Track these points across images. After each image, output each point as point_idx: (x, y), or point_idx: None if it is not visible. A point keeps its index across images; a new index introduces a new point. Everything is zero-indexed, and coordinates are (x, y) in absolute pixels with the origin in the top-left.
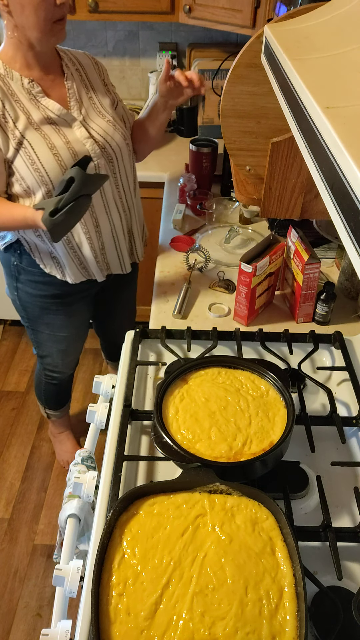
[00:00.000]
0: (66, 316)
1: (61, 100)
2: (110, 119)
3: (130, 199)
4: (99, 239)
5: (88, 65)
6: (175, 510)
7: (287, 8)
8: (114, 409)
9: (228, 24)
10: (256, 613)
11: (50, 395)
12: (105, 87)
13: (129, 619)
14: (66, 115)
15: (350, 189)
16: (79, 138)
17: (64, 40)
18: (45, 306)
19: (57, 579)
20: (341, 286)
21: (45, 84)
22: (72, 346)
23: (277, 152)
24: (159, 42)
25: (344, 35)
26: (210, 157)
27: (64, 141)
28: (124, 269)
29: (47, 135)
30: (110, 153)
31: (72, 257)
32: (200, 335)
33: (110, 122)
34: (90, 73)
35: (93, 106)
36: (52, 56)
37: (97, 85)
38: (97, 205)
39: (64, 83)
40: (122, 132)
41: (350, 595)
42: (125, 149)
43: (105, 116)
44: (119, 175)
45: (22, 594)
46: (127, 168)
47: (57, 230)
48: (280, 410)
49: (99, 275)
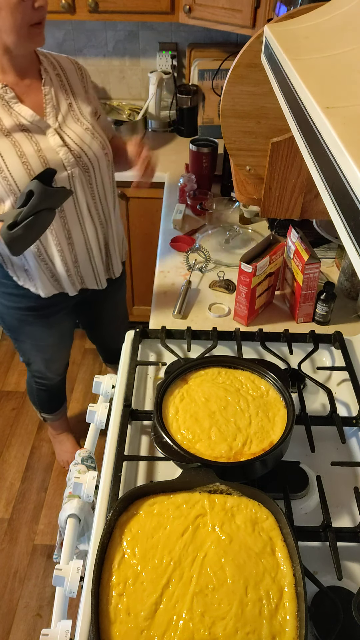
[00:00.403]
0: (45, 327)
1: (36, 106)
2: (89, 127)
3: (108, 212)
4: (71, 252)
5: (70, 70)
6: (175, 510)
7: (287, 8)
8: (114, 409)
9: (228, 24)
10: (256, 613)
11: (44, 400)
12: (86, 95)
13: (129, 619)
14: (39, 122)
15: (350, 189)
16: (52, 146)
17: (42, 45)
18: (23, 318)
19: (57, 579)
20: (341, 286)
21: (20, 90)
22: (57, 354)
23: (277, 152)
24: (159, 42)
25: (344, 35)
26: (210, 157)
27: (35, 149)
28: (99, 284)
29: (17, 143)
30: (86, 162)
31: (43, 269)
32: (200, 335)
33: (89, 130)
34: (72, 78)
35: (72, 113)
36: (29, 60)
37: (78, 91)
38: (70, 216)
39: (41, 88)
40: (100, 141)
41: (350, 595)
42: (104, 159)
43: (84, 124)
44: (95, 186)
45: (22, 594)
46: (104, 179)
47: (15, 244)
48: (280, 410)
49: (70, 289)
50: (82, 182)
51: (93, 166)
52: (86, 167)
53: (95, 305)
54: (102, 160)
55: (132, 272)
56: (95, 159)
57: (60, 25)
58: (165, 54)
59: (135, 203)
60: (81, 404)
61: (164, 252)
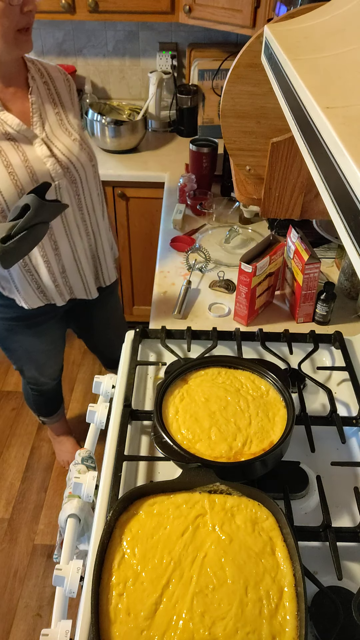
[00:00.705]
0: (35, 336)
1: (23, 114)
2: (77, 137)
3: (95, 222)
4: (59, 263)
5: (58, 79)
6: (175, 510)
7: (287, 8)
8: (114, 409)
9: (228, 24)
10: (256, 613)
11: (40, 404)
12: (73, 106)
13: (129, 619)
14: (26, 132)
15: (350, 189)
16: (40, 156)
17: (29, 51)
18: (10, 328)
19: (57, 579)
20: (341, 286)
21: (6, 97)
22: (49, 361)
23: (277, 152)
24: (159, 42)
25: (344, 35)
26: (210, 157)
27: (21, 159)
28: (89, 294)
29: (3, 152)
30: (74, 174)
31: (28, 280)
32: (200, 335)
33: (77, 141)
34: (60, 87)
35: (60, 122)
36: (16, 67)
37: (66, 101)
38: (57, 228)
39: (28, 97)
40: (88, 152)
41: (350, 595)
42: (91, 170)
43: (72, 134)
44: (83, 197)
45: (22, 594)
46: (92, 189)
47: (8, 257)
48: (280, 410)
49: (58, 300)
50: (70, 194)
51: (80, 177)
52: (74, 179)
53: (87, 312)
54: (89, 172)
55: (132, 272)
56: (82, 170)
57: (60, 25)
58: (165, 54)
59: (135, 203)
60: (81, 404)
61: (164, 252)
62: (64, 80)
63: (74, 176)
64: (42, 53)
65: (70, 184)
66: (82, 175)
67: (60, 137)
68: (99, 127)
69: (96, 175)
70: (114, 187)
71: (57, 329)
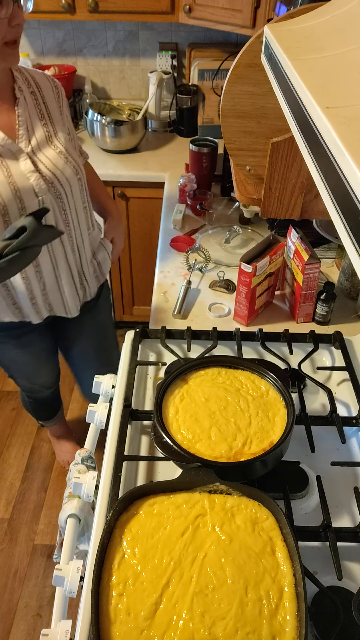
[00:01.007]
0: (18, 347)
1: (8, 128)
2: (63, 150)
3: (81, 238)
4: (39, 281)
5: (46, 88)
6: (175, 510)
7: (287, 8)
8: (114, 409)
9: (228, 24)
10: (256, 613)
11: (37, 409)
12: (61, 116)
13: (129, 619)
14: (11, 146)
15: (350, 189)
16: (23, 171)
17: (16, 65)
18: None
19: (57, 579)
20: (341, 286)
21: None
22: (37, 371)
23: (277, 152)
24: (159, 42)
25: (344, 35)
26: (210, 157)
27: (5, 175)
28: (68, 312)
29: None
30: (59, 189)
31: (3, 295)
32: (200, 335)
33: (62, 154)
34: (48, 97)
35: (46, 135)
36: (2, 79)
37: (54, 112)
38: None
39: (15, 109)
40: (74, 165)
41: (350, 595)
42: (77, 184)
43: (57, 147)
44: (69, 212)
45: (22, 594)
46: (77, 204)
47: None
48: (280, 410)
49: (34, 317)
50: (54, 209)
51: (65, 192)
52: (58, 194)
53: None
54: (74, 186)
55: (132, 272)
56: (67, 185)
57: (60, 25)
58: (165, 54)
59: (135, 203)
60: (81, 404)
61: (164, 252)
62: (52, 88)
63: (58, 191)
64: (42, 53)
65: (55, 199)
66: (67, 190)
67: (46, 151)
68: (99, 127)
69: (82, 189)
70: (114, 187)
71: (39, 342)
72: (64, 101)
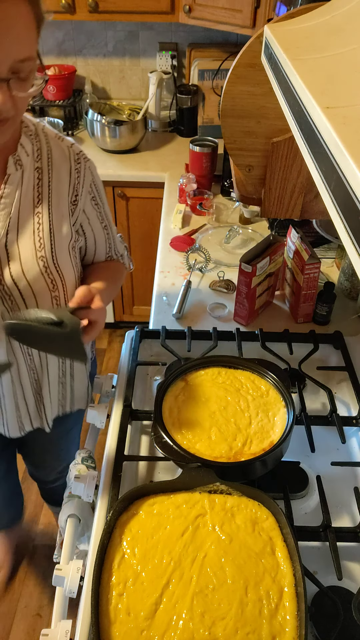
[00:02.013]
0: None
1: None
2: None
3: (45, 360)
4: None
5: (61, 169)
6: (175, 510)
7: (287, 8)
8: (114, 409)
9: (228, 24)
10: (256, 613)
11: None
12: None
13: (129, 619)
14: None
15: (350, 189)
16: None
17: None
18: None
19: (57, 579)
20: (341, 286)
21: None
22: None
23: (277, 152)
24: (159, 42)
25: (344, 35)
26: (210, 157)
27: None
28: (6, 432)
29: None
30: (18, 301)
31: None
32: (200, 335)
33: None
34: (58, 180)
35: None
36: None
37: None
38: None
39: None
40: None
41: (350, 595)
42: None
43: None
44: None
45: (22, 594)
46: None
47: None
48: (280, 410)
49: None
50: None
51: (27, 305)
52: (15, 307)
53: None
54: (45, 300)
55: (132, 272)
56: (32, 300)
57: (60, 25)
58: (165, 54)
59: (135, 203)
60: None
61: (164, 252)
62: (70, 170)
63: (16, 303)
64: (42, 53)
65: (9, 312)
66: (30, 304)
67: (24, 248)
68: (99, 127)
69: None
70: (114, 187)
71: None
72: (85, 187)
